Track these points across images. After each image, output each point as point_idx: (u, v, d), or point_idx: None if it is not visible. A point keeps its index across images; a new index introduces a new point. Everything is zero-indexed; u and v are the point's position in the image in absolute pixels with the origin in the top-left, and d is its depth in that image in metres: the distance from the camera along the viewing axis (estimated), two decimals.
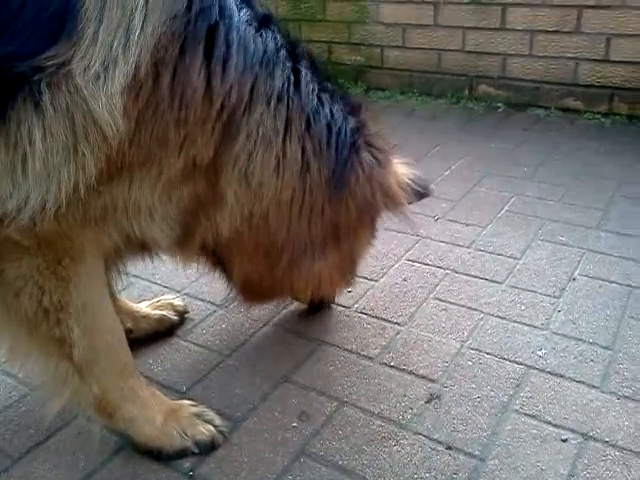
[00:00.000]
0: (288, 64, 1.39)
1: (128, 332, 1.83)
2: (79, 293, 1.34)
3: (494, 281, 2.14)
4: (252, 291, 1.71)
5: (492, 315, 1.96)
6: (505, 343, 1.82)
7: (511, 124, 3.72)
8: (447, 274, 2.20)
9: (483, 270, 2.21)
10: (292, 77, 1.40)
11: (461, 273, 2.20)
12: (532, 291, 2.07)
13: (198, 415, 1.52)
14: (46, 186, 1.14)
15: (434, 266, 2.25)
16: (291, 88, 1.39)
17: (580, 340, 1.82)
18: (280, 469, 1.44)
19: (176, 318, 1.95)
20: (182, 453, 1.48)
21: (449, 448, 1.47)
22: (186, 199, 1.35)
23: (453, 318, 1.95)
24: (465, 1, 3.94)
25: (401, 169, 1.71)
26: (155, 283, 2.22)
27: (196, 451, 1.48)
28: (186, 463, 1.47)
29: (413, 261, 2.29)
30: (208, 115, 1.23)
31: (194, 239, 1.47)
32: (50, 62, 1.08)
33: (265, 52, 1.32)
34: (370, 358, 1.79)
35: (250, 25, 1.30)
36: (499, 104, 4.01)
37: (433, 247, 2.38)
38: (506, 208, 2.67)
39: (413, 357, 1.78)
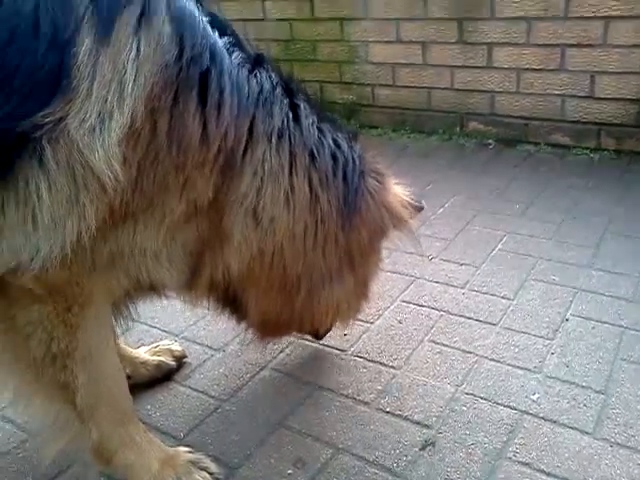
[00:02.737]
0: (285, 100, 1.44)
1: (127, 378, 1.86)
2: (86, 340, 1.37)
3: (488, 323, 2.17)
4: (270, 327, 1.72)
5: (486, 358, 1.98)
6: (499, 387, 1.85)
7: (502, 160, 3.78)
8: (442, 315, 2.23)
9: (477, 311, 2.24)
10: (290, 113, 1.44)
11: (456, 314, 2.23)
12: (526, 333, 2.10)
13: (194, 462, 1.54)
14: (54, 237, 1.18)
15: (429, 307, 2.28)
16: (291, 124, 1.44)
17: (573, 384, 1.84)
18: None
19: (174, 363, 1.97)
20: None
21: None
22: (191, 240, 1.38)
23: (448, 361, 1.97)
24: (452, 40, 4.03)
25: (398, 189, 1.75)
26: (154, 327, 2.24)
27: None
28: None
29: (408, 302, 2.32)
30: (206, 159, 1.27)
31: (202, 278, 1.49)
32: (48, 119, 1.11)
33: (261, 92, 1.37)
34: (366, 403, 1.81)
35: (243, 67, 1.35)
36: (490, 140, 4.07)
37: (428, 288, 2.42)
38: (499, 247, 2.71)
39: (408, 402, 1.80)
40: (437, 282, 2.45)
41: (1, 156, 1.13)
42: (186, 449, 1.60)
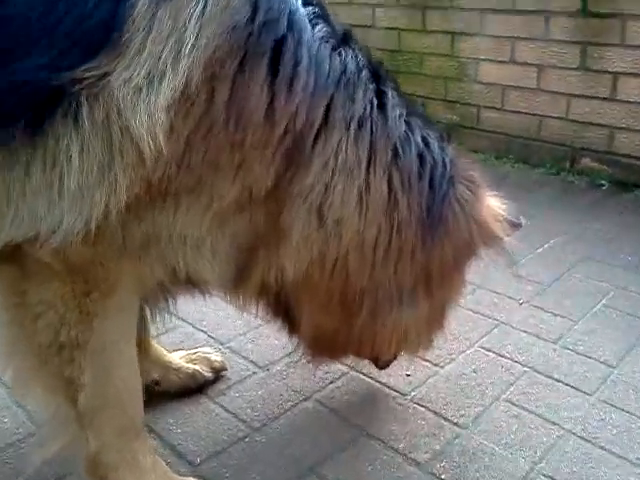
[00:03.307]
0: (371, 86, 1.22)
1: (154, 384, 1.68)
2: (102, 332, 1.18)
3: (581, 391, 1.80)
4: (323, 345, 1.48)
5: (574, 434, 1.62)
6: (587, 475, 1.49)
7: (615, 204, 3.34)
8: (525, 372, 1.88)
9: (570, 374, 1.87)
10: (376, 100, 1.22)
11: (542, 374, 1.87)
12: (628, 412, 1.71)
13: None
14: (79, 208, 1.02)
15: (512, 360, 1.94)
16: (375, 112, 1.21)
17: None
18: None
19: (210, 375, 1.76)
20: None
21: None
22: (241, 233, 1.18)
23: (526, 430, 1.63)
24: (572, 66, 3.64)
25: (493, 201, 1.46)
26: (200, 330, 2.04)
27: None
28: None
29: (488, 350, 1.99)
30: (269, 139, 1.08)
31: (252, 280, 1.28)
32: (90, 73, 0.97)
33: (344, 72, 1.17)
34: (418, 464, 1.51)
35: (326, 42, 1.15)
36: (603, 181, 3.63)
37: (513, 337, 2.07)
38: (603, 302, 2.31)
39: (470, 472, 1.48)
40: (525, 332, 2.10)
41: (33, 110, 0.99)
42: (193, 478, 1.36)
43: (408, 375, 1.84)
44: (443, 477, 1.47)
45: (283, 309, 1.42)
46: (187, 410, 1.66)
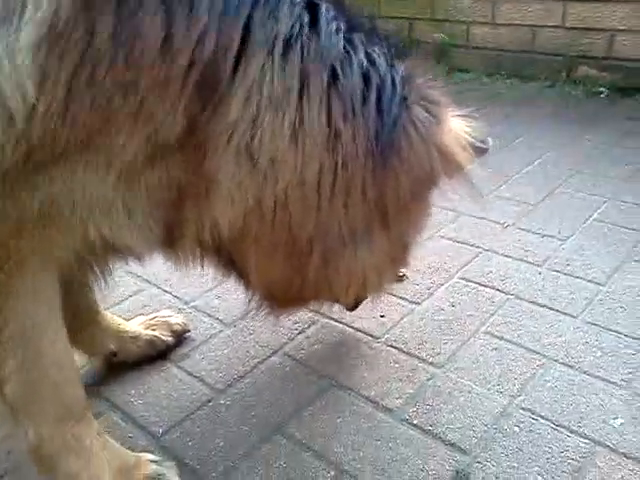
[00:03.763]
0: None
1: (111, 355, 1.60)
2: (17, 318, 1.07)
3: (567, 314, 1.69)
4: (278, 297, 1.36)
5: (557, 362, 1.52)
6: (569, 405, 1.39)
7: (614, 112, 3.14)
8: (508, 300, 1.77)
9: (555, 298, 1.76)
10: (306, 16, 1.03)
11: (526, 300, 1.76)
12: (615, 332, 1.60)
13: (153, 478, 1.23)
14: None
15: (493, 289, 1.82)
16: (305, 30, 1.03)
17: None
18: None
19: (171, 339, 1.66)
20: None
21: None
22: (158, 189, 1.03)
23: (505, 362, 1.53)
24: None
25: (458, 124, 1.30)
26: (166, 291, 1.95)
27: None
28: None
29: (468, 280, 1.88)
30: (169, 76, 0.91)
31: (185, 239, 1.14)
32: None
33: None
34: (389, 411, 1.42)
35: None
36: (602, 89, 3.42)
37: (496, 263, 1.95)
38: (595, 216, 2.17)
39: (444, 414, 1.40)
40: (509, 256, 1.98)
41: None
42: (150, 458, 1.28)
43: (382, 316, 1.74)
44: (415, 422, 1.38)
45: (231, 264, 1.30)
46: (149, 379, 1.59)
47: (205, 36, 0.92)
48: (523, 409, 1.39)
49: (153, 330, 1.66)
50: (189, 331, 1.73)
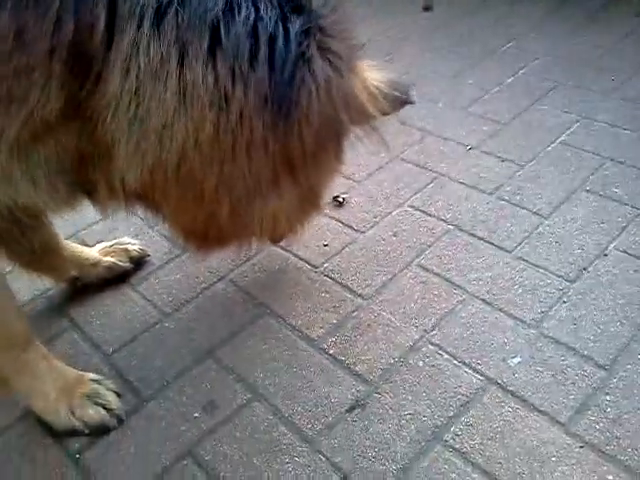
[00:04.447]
0: None
1: (74, 280, 1.77)
2: None
3: (502, 248, 1.74)
4: (197, 241, 1.46)
5: (477, 298, 1.60)
6: (475, 342, 1.49)
7: (620, 10, 2.92)
8: (448, 231, 1.82)
9: (494, 230, 1.80)
10: None
11: (466, 232, 1.81)
12: (543, 268, 1.66)
13: (90, 396, 1.43)
14: None
15: (437, 218, 1.87)
16: None
17: (572, 351, 1.44)
18: (160, 469, 1.32)
19: (128, 265, 1.81)
20: (71, 432, 1.41)
21: (345, 479, 1.26)
22: (57, 158, 1.12)
23: (428, 296, 1.62)
24: None
25: (371, 74, 1.32)
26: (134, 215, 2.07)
27: (86, 432, 1.41)
28: (76, 444, 1.40)
29: (416, 209, 1.92)
30: (30, 63, 0.97)
31: (99, 194, 1.24)
32: None
33: None
34: (311, 340, 1.55)
35: None
36: None
37: (448, 190, 1.98)
38: (562, 138, 2.13)
39: (358, 346, 1.52)
40: (462, 183, 2.00)
41: None
42: (92, 376, 1.48)
43: (325, 245, 1.83)
44: (331, 352, 1.52)
45: (151, 209, 1.40)
46: (108, 301, 1.75)
47: (61, 21, 0.95)
48: (432, 344, 1.50)
49: (112, 257, 1.81)
50: (148, 256, 1.86)
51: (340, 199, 1.94)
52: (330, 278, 1.73)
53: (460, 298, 1.61)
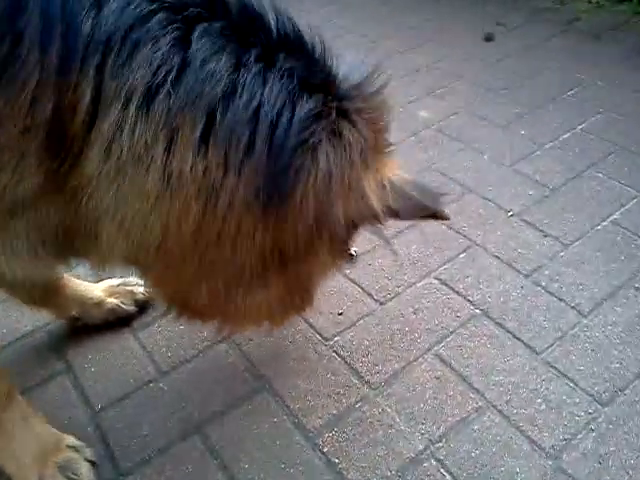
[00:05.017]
0: (169, 35, 0.92)
1: (74, 320, 1.70)
2: None
3: (530, 347, 1.57)
4: (179, 310, 1.35)
5: (494, 408, 1.45)
6: (483, 465, 1.35)
7: None
8: (474, 316, 1.67)
9: (525, 323, 1.64)
10: (177, 56, 0.93)
11: (493, 320, 1.66)
12: (573, 382, 1.48)
13: (62, 467, 1.36)
14: None
15: (464, 298, 1.72)
16: (171, 75, 0.93)
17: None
18: None
19: (132, 309, 1.73)
20: None
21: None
22: (37, 231, 1.06)
23: (440, 397, 1.48)
24: None
25: (395, 171, 1.19)
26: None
27: None
28: None
29: (442, 282, 1.78)
30: (5, 144, 0.90)
31: (89, 260, 1.21)
32: None
33: (116, 23, 0.89)
34: (306, 431, 1.43)
35: None
36: None
37: (480, 264, 1.82)
38: (614, 216, 1.93)
39: (355, 448, 1.39)
40: (497, 258, 1.84)
41: None
42: (71, 442, 1.39)
43: (340, 314, 1.70)
44: (325, 450, 1.40)
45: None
46: (106, 346, 1.67)
47: (37, 102, 0.87)
48: (435, 459, 1.37)
49: (116, 298, 1.73)
50: (153, 301, 1.77)
51: (352, 252, 1.79)
52: (339, 356, 1.60)
53: (476, 405, 1.46)
